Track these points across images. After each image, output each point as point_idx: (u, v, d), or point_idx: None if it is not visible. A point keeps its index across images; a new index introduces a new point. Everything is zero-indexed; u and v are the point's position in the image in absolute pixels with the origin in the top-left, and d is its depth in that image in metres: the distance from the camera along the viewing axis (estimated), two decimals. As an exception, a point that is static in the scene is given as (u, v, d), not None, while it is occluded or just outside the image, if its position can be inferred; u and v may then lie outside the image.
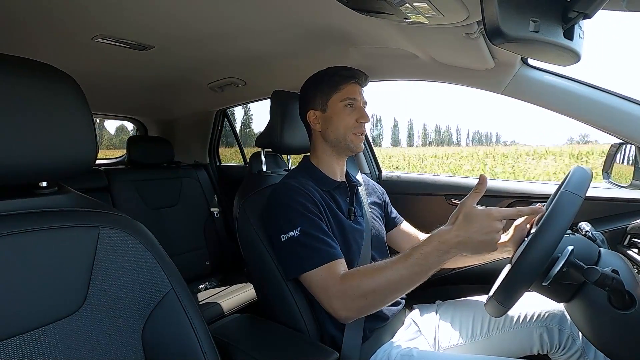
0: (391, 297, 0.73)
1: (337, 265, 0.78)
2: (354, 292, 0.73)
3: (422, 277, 0.70)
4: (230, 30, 0.99)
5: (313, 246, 0.79)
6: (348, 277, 0.76)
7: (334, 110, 0.93)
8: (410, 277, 0.70)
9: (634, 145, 0.94)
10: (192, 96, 1.77)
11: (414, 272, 0.69)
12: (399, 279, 0.70)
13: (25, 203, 0.53)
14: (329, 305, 0.76)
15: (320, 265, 0.77)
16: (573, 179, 0.63)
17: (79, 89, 0.55)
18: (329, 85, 0.93)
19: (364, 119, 0.93)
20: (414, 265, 0.69)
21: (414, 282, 0.70)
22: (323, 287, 0.77)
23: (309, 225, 0.81)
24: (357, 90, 0.94)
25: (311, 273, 0.78)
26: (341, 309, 0.75)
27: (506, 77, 1.00)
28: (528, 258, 0.58)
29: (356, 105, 0.93)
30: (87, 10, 0.84)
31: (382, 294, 0.72)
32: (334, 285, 0.75)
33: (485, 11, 0.47)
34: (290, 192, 0.85)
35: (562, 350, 0.88)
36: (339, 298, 0.75)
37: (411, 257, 0.70)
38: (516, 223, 0.90)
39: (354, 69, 0.95)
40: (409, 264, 0.69)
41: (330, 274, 0.77)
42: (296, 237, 0.80)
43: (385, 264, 0.73)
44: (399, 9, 0.66)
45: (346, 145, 0.93)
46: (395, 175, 1.55)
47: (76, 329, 0.51)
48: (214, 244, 1.88)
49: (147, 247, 0.59)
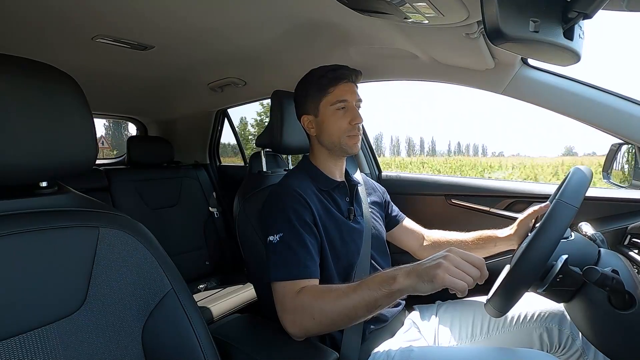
0: (339, 321, 0.70)
1: (301, 284, 0.75)
2: (304, 310, 0.72)
3: (371, 309, 0.66)
4: (230, 30, 0.99)
5: (287, 258, 0.77)
6: (303, 293, 0.74)
7: (325, 115, 0.91)
8: (360, 306, 0.66)
9: (634, 145, 0.94)
10: (192, 96, 1.77)
11: (364, 301, 0.66)
12: (350, 306, 0.67)
13: (26, 203, 0.53)
14: (280, 318, 0.75)
15: (287, 280, 0.76)
16: (569, 186, 0.62)
17: (79, 89, 0.55)
18: (318, 89, 0.91)
19: (357, 121, 0.89)
20: (364, 294, 0.66)
21: (362, 312, 0.67)
22: (280, 300, 0.76)
23: (292, 236, 0.79)
24: (349, 90, 0.90)
25: (275, 284, 0.77)
26: (290, 324, 0.74)
27: (506, 77, 1.00)
28: (521, 268, 0.58)
29: (348, 106, 0.90)
30: (87, 10, 0.84)
31: (330, 317, 0.70)
32: (290, 300, 0.74)
33: (485, 11, 0.47)
34: (286, 195, 0.84)
35: (561, 350, 0.88)
36: (290, 313, 0.74)
37: (362, 286, 0.67)
38: (520, 218, 0.90)
39: (342, 68, 0.91)
40: (359, 292, 0.67)
41: (289, 290, 0.75)
42: (275, 243, 0.79)
43: (340, 288, 0.71)
44: (399, 9, 0.66)
45: (341, 149, 0.92)
46: (395, 175, 1.55)
47: (76, 328, 0.51)
48: (214, 244, 1.89)
49: (147, 247, 0.59)
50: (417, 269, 0.62)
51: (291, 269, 0.76)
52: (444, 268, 0.58)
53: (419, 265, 0.62)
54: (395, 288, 0.63)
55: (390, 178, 1.54)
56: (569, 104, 0.95)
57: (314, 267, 0.79)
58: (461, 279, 0.58)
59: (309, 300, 0.72)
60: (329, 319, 0.70)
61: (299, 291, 0.74)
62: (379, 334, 0.88)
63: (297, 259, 0.77)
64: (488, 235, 0.98)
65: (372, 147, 1.62)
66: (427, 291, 0.60)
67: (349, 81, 0.91)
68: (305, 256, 0.78)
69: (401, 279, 0.62)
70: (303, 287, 0.75)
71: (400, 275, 0.63)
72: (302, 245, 0.79)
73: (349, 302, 0.67)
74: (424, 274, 0.60)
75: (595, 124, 0.94)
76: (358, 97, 0.92)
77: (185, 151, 2.16)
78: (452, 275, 0.58)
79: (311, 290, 0.75)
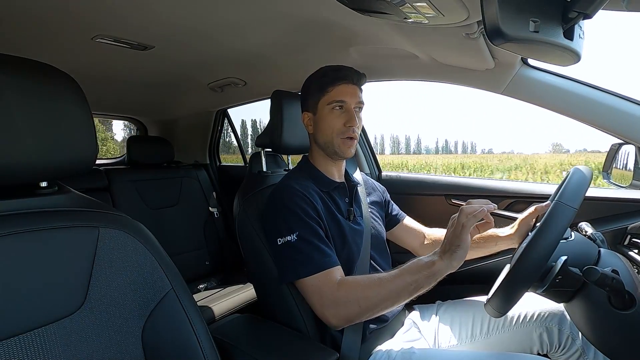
0: (382, 307, 0.74)
1: (332, 272, 0.78)
2: (348, 300, 0.74)
3: (412, 292, 0.71)
4: (230, 30, 0.99)
5: (309, 253, 0.78)
6: (344, 284, 0.76)
7: (322, 114, 0.91)
8: (404, 290, 0.71)
9: (634, 145, 0.94)
10: (192, 96, 1.77)
11: (407, 285, 0.71)
12: (394, 291, 0.72)
13: (25, 203, 0.53)
14: (321, 312, 0.77)
15: (315, 273, 0.77)
16: (569, 187, 0.62)
17: (79, 89, 0.55)
18: (318, 87, 0.91)
19: (352, 123, 0.88)
20: (407, 278, 0.71)
21: (404, 296, 0.72)
22: (317, 294, 0.77)
23: (307, 231, 0.80)
24: (348, 92, 0.89)
25: (306, 280, 0.78)
26: (333, 316, 0.75)
27: (506, 77, 1.00)
28: (521, 269, 0.58)
29: (346, 107, 0.89)
30: (87, 10, 0.84)
31: (375, 304, 0.73)
32: (329, 293, 0.75)
33: (485, 11, 0.47)
34: (290, 195, 0.84)
35: (561, 350, 0.88)
36: (332, 306, 0.75)
37: (403, 272, 0.72)
38: (521, 217, 0.90)
39: (344, 69, 0.90)
40: (402, 278, 0.72)
41: (325, 281, 0.76)
42: (293, 242, 0.79)
43: (382, 276, 0.75)
44: (399, 9, 0.66)
45: (334, 150, 0.91)
46: (395, 175, 1.55)
47: (76, 328, 0.51)
48: (214, 244, 1.88)
49: (147, 247, 0.59)
50: (444, 245, 0.70)
51: (318, 262, 0.78)
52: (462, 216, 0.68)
53: (444, 242, 0.70)
54: (435, 269, 0.69)
55: (391, 178, 1.54)
56: (569, 104, 0.95)
57: (335, 255, 0.82)
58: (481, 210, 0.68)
59: (352, 290, 0.75)
60: (373, 306, 0.74)
61: (338, 283, 0.76)
62: (379, 333, 0.88)
63: (321, 251, 0.79)
64: (489, 234, 0.98)
65: (372, 147, 1.63)
66: (462, 257, 0.68)
67: (351, 83, 0.90)
68: (325, 247, 0.81)
69: (439, 261, 0.69)
70: (340, 279, 0.77)
71: (437, 257, 0.69)
72: (319, 238, 0.81)
73: (393, 287, 0.72)
74: (452, 242, 0.68)
75: (595, 124, 0.94)
76: (359, 99, 0.91)
77: (185, 151, 2.16)
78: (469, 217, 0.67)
79: (351, 281, 0.78)
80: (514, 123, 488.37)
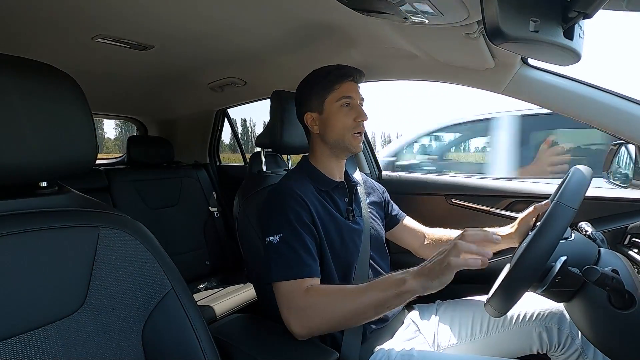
0: (347, 321, 0.72)
1: (305, 282, 0.75)
2: (312, 309, 0.72)
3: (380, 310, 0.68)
4: (230, 29, 0.99)
5: (289, 258, 0.77)
6: (311, 292, 0.74)
7: (330, 111, 0.91)
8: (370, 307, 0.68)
9: (634, 145, 0.94)
10: (192, 96, 1.77)
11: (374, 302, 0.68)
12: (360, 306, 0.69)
13: (25, 203, 0.53)
14: (286, 317, 0.74)
15: (289, 280, 0.75)
16: (569, 187, 0.62)
17: (79, 89, 0.55)
18: (323, 86, 0.91)
19: (362, 118, 0.91)
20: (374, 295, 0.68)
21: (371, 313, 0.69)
22: (286, 299, 0.75)
23: (292, 236, 0.79)
24: (353, 88, 0.92)
25: (278, 283, 0.76)
26: (296, 324, 0.73)
27: (506, 76, 1.00)
28: (521, 269, 0.58)
29: (353, 103, 0.91)
30: (87, 10, 0.84)
31: (338, 317, 0.71)
32: (296, 300, 0.74)
33: (485, 11, 0.47)
34: (285, 196, 0.84)
35: (561, 349, 0.88)
36: (296, 312, 0.73)
37: (372, 287, 0.69)
38: (521, 216, 0.90)
39: (347, 67, 0.92)
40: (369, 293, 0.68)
41: (296, 288, 0.75)
42: (274, 243, 0.79)
43: (349, 288, 0.73)
44: (399, 8, 0.66)
45: (345, 146, 0.92)
46: (395, 175, 1.55)
47: (76, 329, 0.51)
48: (214, 244, 1.88)
49: (147, 247, 0.59)
50: (424, 268, 0.64)
51: (294, 268, 0.76)
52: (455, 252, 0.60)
53: (426, 264, 0.64)
54: (405, 289, 0.64)
55: (391, 178, 1.54)
56: (569, 103, 0.95)
57: (316, 266, 0.79)
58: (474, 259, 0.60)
59: (318, 299, 0.73)
60: (337, 319, 0.71)
61: (306, 290, 0.74)
62: (380, 333, 0.89)
63: (299, 258, 0.77)
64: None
65: (373, 147, 1.62)
66: (436, 287, 0.62)
67: (353, 80, 0.92)
68: (307, 256, 0.78)
69: (410, 281, 0.64)
70: (309, 286, 0.75)
71: (410, 276, 0.65)
72: (303, 245, 0.79)
73: (358, 302, 0.69)
74: (432, 270, 0.62)
75: (595, 123, 0.94)
76: (361, 96, 0.94)
77: (185, 151, 2.16)
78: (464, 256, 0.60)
79: (319, 290, 0.75)
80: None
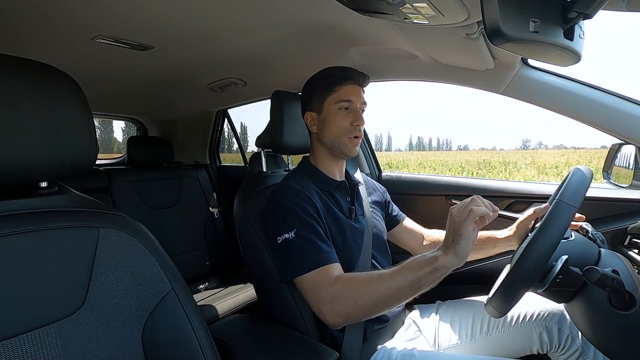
0: (382, 304, 0.71)
1: (330, 269, 0.76)
2: (344, 296, 0.72)
3: (415, 290, 0.68)
4: (230, 30, 0.99)
5: (307, 249, 0.78)
6: (340, 280, 0.74)
7: (328, 113, 0.91)
8: (404, 287, 0.68)
9: (634, 145, 0.94)
10: (192, 96, 1.77)
11: (408, 282, 0.68)
12: (394, 288, 0.69)
13: (25, 203, 0.53)
14: (318, 309, 0.75)
15: (313, 269, 0.76)
16: (569, 187, 0.62)
17: (79, 89, 0.55)
18: (324, 87, 0.91)
19: (358, 122, 0.90)
20: (408, 275, 0.68)
21: (406, 293, 0.69)
22: (314, 291, 0.75)
23: (305, 229, 0.80)
24: (354, 92, 0.91)
25: (304, 276, 0.76)
26: (329, 313, 0.73)
27: (506, 77, 1.00)
28: (521, 268, 0.58)
29: (352, 107, 0.91)
30: (87, 10, 0.84)
31: (373, 301, 0.70)
32: (325, 289, 0.74)
33: (485, 11, 0.47)
34: (289, 194, 0.85)
35: (561, 349, 0.88)
36: (328, 302, 0.73)
37: (404, 268, 0.69)
38: (520, 219, 0.90)
39: (350, 70, 0.92)
40: (402, 274, 0.69)
41: (322, 277, 0.75)
42: (291, 239, 0.79)
43: (380, 272, 0.72)
44: (399, 9, 0.66)
45: (340, 149, 0.92)
46: (395, 175, 1.55)
47: (76, 329, 0.51)
48: (214, 244, 1.89)
49: (147, 247, 0.59)
50: (446, 240, 0.66)
51: (316, 258, 0.76)
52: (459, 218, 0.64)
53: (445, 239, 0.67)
54: (439, 265, 0.65)
55: (391, 178, 1.54)
56: (569, 104, 0.95)
57: (333, 252, 0.80)
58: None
59: (349, 286, 0.73)
60: (373, 303, 0.70)
61: (334, 279, 0.74)
62: (380, 333, 0.89)
63: (318, 248, 0.78)
64: (487, 236, 0.98)
65: (373, 147, 1.63)
66: (466, 249, 0.64)
67: (356, 83, 0.92)
68: (323, 244, 0.79)
69: (442, 256, 0.65)
70: (337, 275, 0.75)
71: (440, 253, 0.66)
72: (317, 235, 0.80)
73: (393, 284, 0.69)
74: (451, 235, 0.65)
75: (595, 124, 0.94)
76: (363, 100, 0.93)
77: (185, 151, 2.16)
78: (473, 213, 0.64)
79: (348, 277, 0.75)
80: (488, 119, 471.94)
